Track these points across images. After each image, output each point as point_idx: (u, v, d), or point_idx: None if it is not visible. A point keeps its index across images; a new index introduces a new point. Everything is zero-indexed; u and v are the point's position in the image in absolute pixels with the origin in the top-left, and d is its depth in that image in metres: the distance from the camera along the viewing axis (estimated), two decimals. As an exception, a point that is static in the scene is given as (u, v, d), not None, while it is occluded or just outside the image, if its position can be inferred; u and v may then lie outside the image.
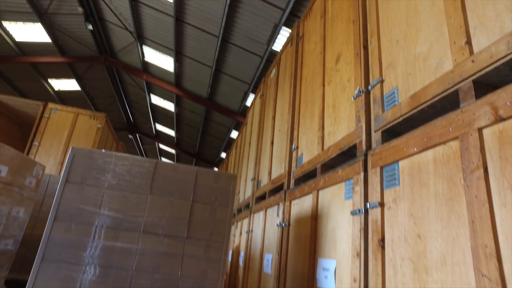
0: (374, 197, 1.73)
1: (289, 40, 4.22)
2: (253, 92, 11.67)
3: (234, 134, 15.66)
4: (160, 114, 18.08)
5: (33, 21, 11.16)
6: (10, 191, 2.80)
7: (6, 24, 11.16)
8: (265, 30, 8.89)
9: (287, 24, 8.31)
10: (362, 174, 1.87)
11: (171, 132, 19.46)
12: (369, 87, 2.01)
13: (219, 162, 20.11)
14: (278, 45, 9.14)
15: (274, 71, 4.73)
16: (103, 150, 1.98)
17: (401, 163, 1.59)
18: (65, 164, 1.89)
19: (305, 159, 2.87)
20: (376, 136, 1.86)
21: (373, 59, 2.04)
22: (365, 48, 2.17)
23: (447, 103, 1.44)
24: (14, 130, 7.78)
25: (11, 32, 11.63)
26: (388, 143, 1.67)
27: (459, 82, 1.31)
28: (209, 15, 9.29)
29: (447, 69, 1.41)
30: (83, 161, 1.97)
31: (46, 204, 4.66)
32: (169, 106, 16.26)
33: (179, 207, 2.01)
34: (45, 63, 13.47)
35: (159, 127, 19.76)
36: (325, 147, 2.50)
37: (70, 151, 1.96)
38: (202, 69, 11.93)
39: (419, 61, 1.62)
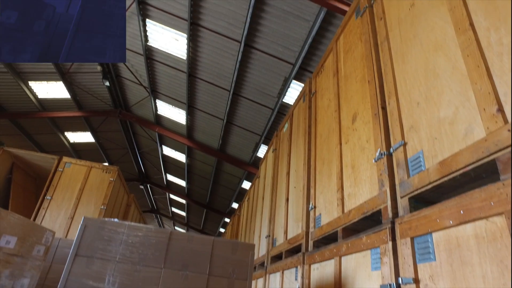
0: (407, 271, 1.58)
1: (301, 95, 4.26)
2: (264, 143, 11.72)
3: (245, 184, 15.50)
4: (171, 165, 18.18)
5: (56, 80, 11.88)
6: (16, 263, 2.58)
7: (31, 83, 11.90)
8: (275, 84, 9.14)
9: (297, 78, 8.55)
10: (390, 243, 1.73)
11: (182, 183, 19.40)
12: (391, 150, 1.94)
13: (230, 212, 19.71)
14: (288, 98, 9.33)
15: (286, 125, 4.74)
16: (116, 220, 1.90)
17: (435, 235, 1.46)
18: (76, 236, 1.80)
19: (324, 220, 2.72)
20: (403, 203, 1.75)
21: (393, 120, 1.99)
22: (384, 108, 2.13)
23: (482, 172, 1.35)
24: (28, 184, 7.84)
25: (35, 90, 12.35)
26: (418, 212, 1.56)
27: (495, 152, 1.23)
28: (220, 70, 9.67)
29: (478, 137, 1.33)
30: (94, 232, 1.87)
31: (53, 271, 4.32)
32: (181, 157, 16.39)
33: (195, 282, 1.85)
34: (63, 117, 14.00)
35: (170, 177, 19.77)
36: (345, 210, 2.37)
37: (82, 221, 1.88)
38: (214, 121, 12.17)
39: (444, 125, 1.56)
